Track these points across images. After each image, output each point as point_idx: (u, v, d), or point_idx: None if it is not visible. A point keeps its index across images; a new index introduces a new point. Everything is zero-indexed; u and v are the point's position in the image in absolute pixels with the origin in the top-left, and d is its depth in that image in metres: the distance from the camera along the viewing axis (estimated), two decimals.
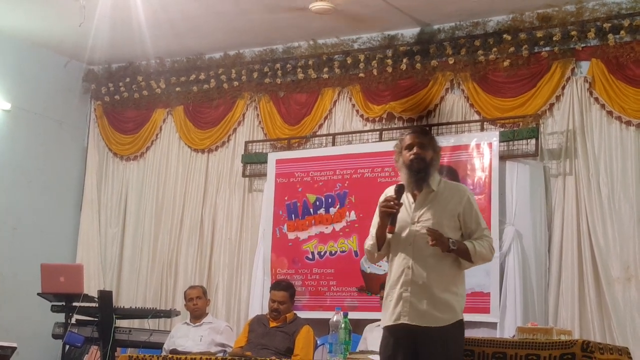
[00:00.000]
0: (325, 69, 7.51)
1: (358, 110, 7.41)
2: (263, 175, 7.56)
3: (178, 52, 8.12)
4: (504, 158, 6.50)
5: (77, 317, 6.62)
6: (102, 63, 8.53)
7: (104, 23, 7.06)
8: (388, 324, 3.96)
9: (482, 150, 6.51)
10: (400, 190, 3.94)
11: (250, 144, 7.82)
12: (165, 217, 8.16)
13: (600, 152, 6.36)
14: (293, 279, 6.86)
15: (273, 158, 7.43)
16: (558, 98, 6.60)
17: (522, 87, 6.71)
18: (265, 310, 6.27)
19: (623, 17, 6.31)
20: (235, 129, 7.99)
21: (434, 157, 4.02)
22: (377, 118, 7.27)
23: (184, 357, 5.39)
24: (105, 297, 6.61)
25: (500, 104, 6.77)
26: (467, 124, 6.86)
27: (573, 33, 6.48)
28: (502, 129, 6.64)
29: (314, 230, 7.12)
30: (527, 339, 4.06)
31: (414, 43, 7.15)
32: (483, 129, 6.72)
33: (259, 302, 7.10)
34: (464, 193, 4.04)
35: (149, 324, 7.02)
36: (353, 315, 5.56)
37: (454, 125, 6.90)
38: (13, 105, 7.95)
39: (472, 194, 4.11)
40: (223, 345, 6.35)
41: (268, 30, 7.48)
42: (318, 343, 6.30)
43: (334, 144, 7.34)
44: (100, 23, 7.03)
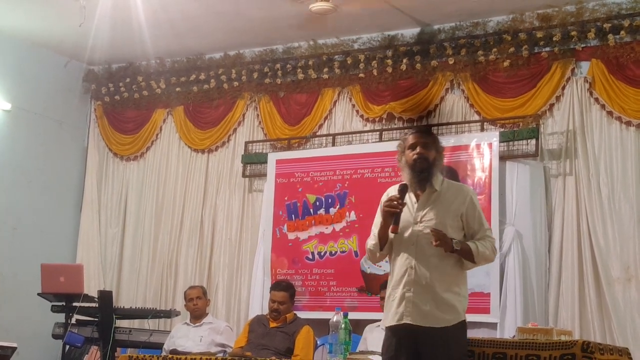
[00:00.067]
0: (325, 69, 7.51)
1: (358, 111, 7.41)
2: (263, 176, 7.56)
3: (178, 52, 8.12)
4: (504, 158, 6.49)
5: (77, 317, 6.62)
6: (102, 63, 8.52)
7: (104, 23, 7.06)
8: (390, 324, 3.95)
9: (482, 151, 6.51)
10: (404, 190, 3.93)
11: (250, 144, 7.82)
12: (165, 217, 8.16)
13: (601, 152, 6.36)
14: (293, 279, 6.86)
15: (273, 158, 7.43)
16: (558, 98, 6.59)
17: (522, 87, 6.71)
18: (265, 311, 6.27)
19: (623, 17, 6.31)
20: (236, 129, 7.99)
21: (437, 157, 4.00)
22: (377, 118, 7.27)
23: (184, 357, 5.38)
24: (105, 297, 6.61)
25: (501, 104, 6.77)
26: (467, 124, 6.85)
27: (573, 33, 6.48)
28: (502, 129, 6.64)
29: (314, 231, 7.12)
30: (527, 340, 4.07)
31: (414, 43, 7.15)
32: (483, 129, 6.72)
33: (259, 302, 7.09)
34: (467, 193, 4.03)
35: (149, 324, 7.01)
36: (353, 316, 5.56)
37: (454, 126, 6.90)
38: (13, 105, 7.95)
39: (474, 194, 4.11)
40: (223, 346, 6.35)
41: (268, 30, 7.48)
42: (318, 343, 6.29)
43: (334, 144, 7.34)
44: (101, 23, 7.03)
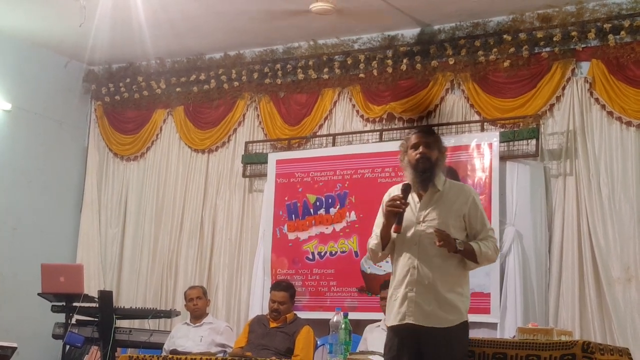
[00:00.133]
0: (326, 70, 7.51)
1: (358, 111, 7.40)
2: (263, 176, 7.56)
3: (178, 52, 8.11)
4: (505, 158, 6.49)
5: (77, 317, 6.62)
6: (102, 63, 8.52)
7: (104, 23, 7.05)
8: (393, 324, 3.94)
9: (482, 151, 6.51)
10: (407, 190, 3.92)
11: (251, 144, 7.82)
12: (166, 217, 8.16)
13: (601, 152, 6.36)
14: (293, 280, 6.86)
15: (273, 158, 7.43)
16: (558, 98, 6.59)
17: (522, 87, 6.71)
18: (266, 311, 6.27)
19: (623, 17, 6.31)
20: (236, 129, 7.98)
21: (440, 157, 4.00)
22: (377, 118, 7.27)
23: (184, 357, 5.38)
24: (106, 297, 6.61)
25: (501, 105, 6.77)
26: (467, 125, 6.85)
27: (573, 33, 6.48)
28: (502, 130, 6.64)
29: (314, 231, 7.12)
30: (527, 340, 4.06)
31: (414, 43, 7.14)
32: (483, 130, 6.72)
33: (259, 302, 7.09)
34: (470, 193, 4.03)
35: (149, 324, 7.01)
36: (353, 316, 5.56)
37: (454, 126, 6.89)
38: (13, 106, 7.95)
39: (477, 195, 4.11)
40: (223, 346, 6.35)
41: (268, 31, 7.48)
42: (318, 343, 6.29)
43: (334, 145, 7.34)
44: (101, 23, 7.02)
